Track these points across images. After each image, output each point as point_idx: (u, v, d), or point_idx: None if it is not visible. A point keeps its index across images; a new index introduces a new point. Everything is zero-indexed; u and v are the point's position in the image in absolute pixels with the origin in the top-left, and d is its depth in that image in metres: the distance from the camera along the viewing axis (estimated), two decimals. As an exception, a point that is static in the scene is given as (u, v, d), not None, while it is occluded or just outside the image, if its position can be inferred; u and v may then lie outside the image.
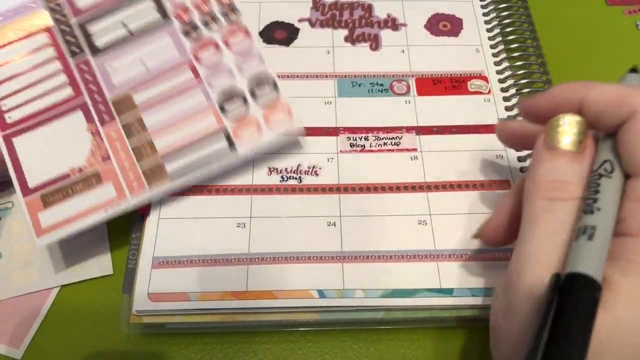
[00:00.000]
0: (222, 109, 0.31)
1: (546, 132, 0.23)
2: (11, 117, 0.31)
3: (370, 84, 0.36)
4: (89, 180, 0.30)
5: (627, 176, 0.21)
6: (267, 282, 0.29)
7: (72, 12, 0.33)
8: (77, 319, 0.30)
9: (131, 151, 0.30)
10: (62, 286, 0.31)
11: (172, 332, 0.29)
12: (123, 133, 0.31)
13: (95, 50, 0.32)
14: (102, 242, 0.32)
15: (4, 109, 0.31)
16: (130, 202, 0.30)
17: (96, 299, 0.30)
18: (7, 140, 0.30)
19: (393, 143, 0.33)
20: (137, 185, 0.30)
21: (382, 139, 0.33)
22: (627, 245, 0.20)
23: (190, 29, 0.33)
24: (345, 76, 0.36)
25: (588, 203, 0.20)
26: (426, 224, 0.30)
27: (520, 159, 0.33)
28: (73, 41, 0.32)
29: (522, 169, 0.32)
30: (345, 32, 0.38)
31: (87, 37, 0.32)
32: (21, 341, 0.29)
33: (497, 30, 0.38)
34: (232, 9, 0.33)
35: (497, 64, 0.36)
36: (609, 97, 0.21)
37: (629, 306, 0.18)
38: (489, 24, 0.38)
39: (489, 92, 0.35)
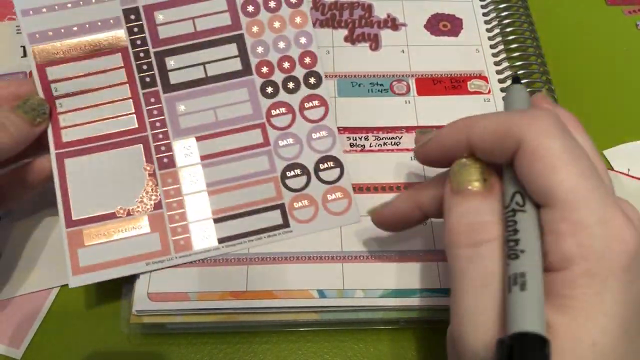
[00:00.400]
0: (283, 181, 0.30)
1: (450, 180, 0.22)
2: (67, 135, 0.29)
3: (370, 84, 0.36)
4: (135, 225, 0.28)
5: (537, 205, 0.20)
6: (267, 282, 0.29)
7: (152, 41, 0.30)
8: (77, 319, 0.30)
9: (185, 203, 0.29)
10: (62, 286, 0.31)
11: (172, 332, 0.29)
12: (180, 181, 0.29)
13: (167, 86, 0.30)
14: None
15: (62, 124, 0.29)
16: (174, 260, 0.28)
17: (96, 299, 0.30)
18: (60, 160, 0.28)
19: (393, 143, 0.33)
20: (185, 243, 0.28)
21: (382, 139, 0.33)
22: (555, 282, 0.18)
23: (269, 87, 0.31)
24: (345, 76, 0.36)
25: (510, 246, 0.19)
26: (426, 224, 0.30)
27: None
28: (146, 70, 0.30)
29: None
30: (345, 32, 0.38)
31: (163, 70, 0.30)
32: (21, 341, 0.29)
33: (497, 30, 0.38)
34: (316, 76, 0.32)
35: (497, 64, 0.36)
36: (492, 132, 0.20)
37: (573, 350, 0.17)
38: (489, 24, 0.38)
39: (489, 92, 0.35)
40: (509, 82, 0.35)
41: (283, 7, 0.32)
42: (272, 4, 0.32)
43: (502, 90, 0.35)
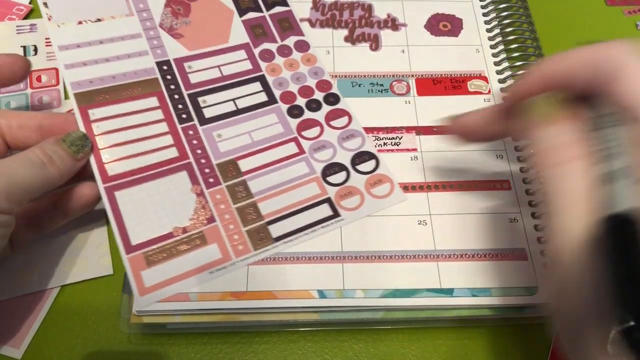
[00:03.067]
0: (325, 178, 0.32)
1: (529, 112, 0.23)
2: (113, 169, 0.30)
3: (370, 84, 0.36)
4: (193, 240, 0.29)
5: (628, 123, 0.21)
6: (267, 282, 0.29)
7: (184, 85, 0.34)
8: (77, 319, 0.30)
9: (236, 213, 0.30)
10: (62, 286, 0.31)
11: (172, 332, 0.29)
12: (228, 196, 0.31)
13: (203, 120, 0.33)
14: (102, 242, 0.32)
15: (105, 160, 0.30)
16: (237, 264, 0.29)
17: (96, 299, 0.30)
18: (110, 194, 0.30)
19: (393, 143, 0.33)
20: (243, 247, 0.29)
21: (382, 139, 0.33)
22: None
23: (294, 110, 0.34)
24: (345, 76, 0.36)
25: (602, 153, 0.20)
26: (426, 224, 0.30)
27: (520, 159, 0.33)
28: (182, 108, 0.33)
29: (522, 169, 0.32)
30: (345, 32, 0.38)
31: (196, 107, 0.33)
32: (21, 341, 0.29)
33: (497, 30, 0.38)
34: (334, 96, 0.35)
35: (497, 64, 0.37)
36: (589, 60, 0.22)
37: None
38: (489, 24, 0.38)
39: (489, 92, 0.35)
40: (509, 82, 0.35)
41: (294, 53, 0.36)
42: (284, 51, 0.36)
43: (502, 90, 0.35)
